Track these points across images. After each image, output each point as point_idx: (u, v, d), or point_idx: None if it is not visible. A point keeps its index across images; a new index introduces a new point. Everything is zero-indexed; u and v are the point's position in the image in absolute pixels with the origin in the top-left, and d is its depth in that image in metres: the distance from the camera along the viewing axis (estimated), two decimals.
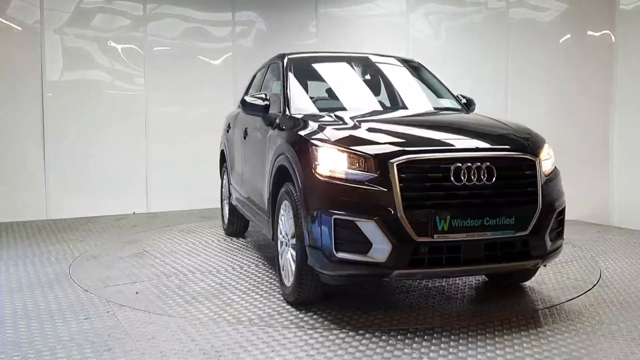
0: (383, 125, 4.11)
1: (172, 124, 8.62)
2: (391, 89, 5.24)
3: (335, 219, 3.44)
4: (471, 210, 3.44)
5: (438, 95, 5.13)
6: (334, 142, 3.63)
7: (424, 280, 4.55)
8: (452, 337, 3.36)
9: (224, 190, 6.75)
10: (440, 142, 3.71)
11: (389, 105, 5.04)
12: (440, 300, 4.10)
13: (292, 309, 3.87)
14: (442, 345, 3.25)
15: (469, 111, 4.94)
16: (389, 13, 8.63)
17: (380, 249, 3.36)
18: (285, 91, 4.74)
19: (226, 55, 9.05)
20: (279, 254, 4.18)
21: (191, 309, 3.92)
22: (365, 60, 5.47)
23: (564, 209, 3.90)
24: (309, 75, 5.17)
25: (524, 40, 7.64)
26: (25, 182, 7.67)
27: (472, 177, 3.46)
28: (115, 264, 5.27)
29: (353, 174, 3.50)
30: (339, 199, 3.48)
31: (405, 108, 4.99)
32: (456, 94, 5.16)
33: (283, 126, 4.28)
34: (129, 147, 8.31)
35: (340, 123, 4.03)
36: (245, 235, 6.52)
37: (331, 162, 3.57)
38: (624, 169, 6.89)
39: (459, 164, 3.46)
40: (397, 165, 3.41)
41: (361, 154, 3.52)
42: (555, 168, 4.00)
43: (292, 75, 4.93)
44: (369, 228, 3.37)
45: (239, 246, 6.00)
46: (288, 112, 4.49)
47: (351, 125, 3.94)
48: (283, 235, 4.09)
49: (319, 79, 5.28)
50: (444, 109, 4.97)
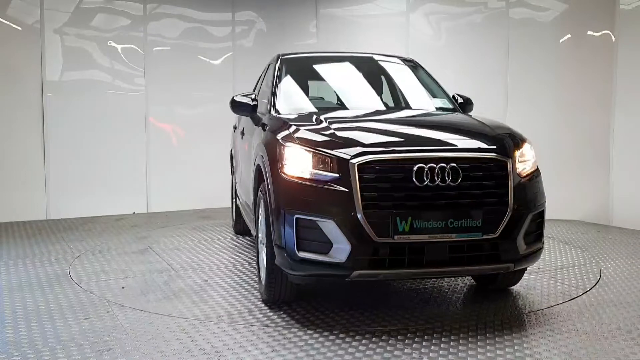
0: (356, 126, 4.07)
1: (172, 123, 8.63)
2: (381, 88, 5.22)
3: (297, 219, 3.45)
4: (434, 212, 3.38)
5: (431, 95, 5.07)
6: (300, 142, 3.63)
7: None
8: (452, 337, 3.36)
9: (233, 189, 6.78)
10: (405, 143, 3.66)
11: (375, 105, 4.95)
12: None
13: (265, 308, 3.90)
14: (442, 345, 3.25)
15: (462, 111, 4.84)
16: (389, 13, 8.63)
17: (341, 249, 3.36)
18: (273, 91, 4.76)
19: (226, 55, 9.05)
20: (257, 253, 4.23)
21: (166, 304, 4.02)
22: (359, 60, 5.45)
23: (543, 211, 3.77)
24: (300, 75, 5.15)
25: (524, 40, 7.64)
26: (25, 182, 7.67)
27: (436, 178, 3.40)
28: (116, 259, 5.37)
29: (317, 174, 3.49)
30: (301, 199, 3.49)
31: (390, 108, 4.90)
32: (453, 93, 5.09)
33: (266, 126, 4.27)
34: (129, 147, 8.32)
35: (315, 123, 3.97)
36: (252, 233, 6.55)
37: (297, 162, 3.57)
38: (624, 169, 6.89)
39: (422, 165, 3.40)
40: (358, 166, 3.39)
41: (325, 154, 3.51)
42: (535, 170, 3.85)
43: (283, 75, 4.96)
44: (330, 228, 3.37)
45: (242, 244, 6.02)
46: (273, 112, 4.50)
47: (324, 126, 3.86)
48: (260, 235, 4.11)
49: (310, 78, 5.26)
50: (439, 109, 4.89)
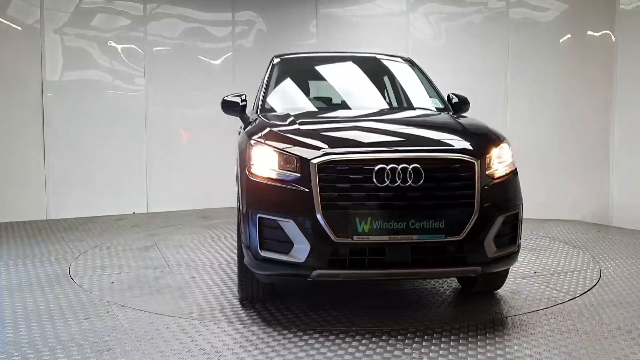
0: (326, 127, 4.08)
1: (172, 124, 8.63)
2: (369, 88, 5.19)
3: (260, 218, 3.48)
4: (395, 213, 3.35)
5: (421, 94, 5.04)
6: (266, 143, 3.64)
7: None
8: (452, 337, 3.36)
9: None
10: (367, 143, 3.63)
11: (359, 104, 4.92)
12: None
13: (237, 306, 3.97)
14: (442, 345, 3.25)
15: (452, 110, 4.76)
16: (389, 13, 8.63)
17: (301, 249, 3.36)
18: (262, 91, 4.82)
19: (226, 55, 9.05)
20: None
21: (148, 298, 4.17)
22: (352, 60, 5.46)
23: (517, 214, 3.67)
24: (292, 75, 5.17)
25: (524, 40, 7.65)
26: (25, 182, 7.67)
27: (397, 179, 3.36)
28: (119, 255, 5.48)
29: (282, 174, 3.50)
30: (265, 199, 3.52)
31: (372, 107, 4.84)
32: (449, 92, 4.99)
33: (247, 126, 4.30)
34: (129, 147, 8.32)
35: (286, 124, 3.95)
36: None
37: (263, 162, 3.59)
38: (624, 169, 6.90)
39: (383, 165, 3.37)
40: (318, 166, 3.39)
41: (288, 154, 3.52)
42: (512, 171, 3.73)
43: (274, 75, 5.00)
44: (290, 228, 3.38)
45: None
46: (259, 112, 4.53)
47: (294, 127, 3.83)
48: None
49: (300, 79, 5.26)
50: (418, 108, 4.84)
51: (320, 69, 5.44)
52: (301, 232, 3.36)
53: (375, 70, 5.34)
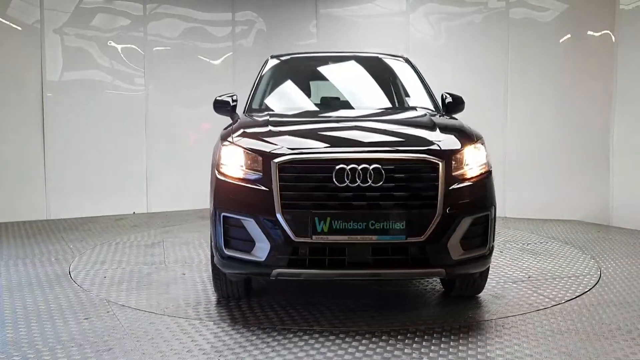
0: (295, 127, 4.10)
1: (172, 123, 8.62)
2: (358, 88, 5.21)
3: (224, 217, 3.54)
4: (354, 213, 3.35)
5: (410, 93, 5.02)
6: (235, 143, 3.68)
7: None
8: (452, 337, 3.36)
9: None
10: (329, 143, 3.63)
11: (343, 104, 4.93)
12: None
13: (211, 303, 4.05)
14: (442, 345, 3.25)
15: (441, 110, 4.70)
16: (389, 13, 8.63)
17: (261, 247, 3.41)
18: (251, 91, 4.90)
19: (226, 55, 9.05)
20: None
21: (133, 293, 4.29)
22: (345, 60, 5.48)
23: (487, 216, 3.58)
24: (283, 75, 5.22)
25: (524, 40, 7.65)
26: (25, 182, 7.66)
27: (357, 179, 3.36)
28: (124, 251, 5.61)
29: (246, 174, 3.54)
30: (230, 198, 3.57)
31: (356, 107, 4.82)
32: (443, 92, 4.90)
33: None
34: (129, 147, 8.32)
35: (259, 124, 3.98)
36: None
37: (230, 162, 3.64)
38: (624, 169, 6.90)
39: (343, 165, 3.36)
40: (279, 165, 3.41)
41: (253, 154, 3.55)
42: (484, 172, 3.66)
43: (266, 75, 5.07)
44: (252, 227, 3.43)
45: None
46: (245, 112, 4.59)
47: (265, 127, 3.85)
48: None
49: (291, 79, 5.28)
50: (403, 108, 4.80)
51: (312, 69, 5.47)
52: (262, 231, 3.40)
53: (367, 70, 5.34)
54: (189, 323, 3.63)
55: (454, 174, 3.49)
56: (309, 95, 5.13)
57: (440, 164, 3.43)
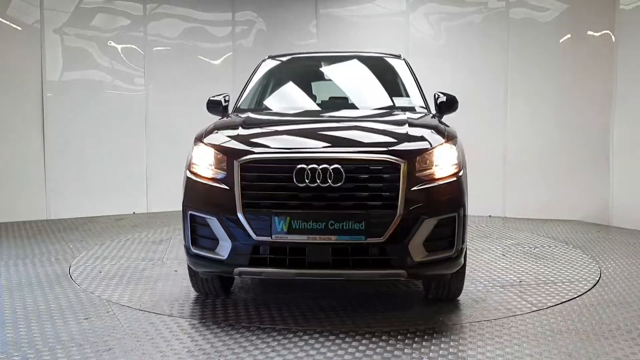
0: (269, 127, 4.17)
1: (172, 123, 8.62)
2: (345, 87, 5.22)
3: (191, 215, 3.61)
4: (313, 213, 3.36)
5: (398, 93, 5.00)
6: (205, 142, 3.74)
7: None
8: (452, 337, 3.36)
9: None
10: (291, 143, 3.69)
11: (327, 104, 4.94)
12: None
13: (189, 301, 4.12)
14: (442, 345, 3.25)
15: (427, 110, 4.66)
16: (389, 13, 8.63)
17: (224, 246, 3.47)
18: (241, 92, 4.97)
19: (226, 55, 9.05)
20: None
21: (119, 288, 4.43)
22: (338, 60, 5.51)
23: (454, 218, 3.51)
24: (274, 76, 5.26)
25: (524, 40, 7.65)
26: (25, 182, 7.66)
27: (317, 179, 3.37)
28: (129, 246, 5.71)
29: (213, 173, 3.61)
30: (196, 197, 3.64)
31: (338, 107, 4.84)
32: (436, 91, 4.84)
33: None
34: (129, 147, 8.31)
35: (233, 124, 4.03)
36: None
37: (200, 161, 3.71)
38: (624, 169, 6.90)
39: (303, 165, 3.38)
40: (241, 165, 3.46)
41: (220, 154, 3.60)
42: (453, 173, 3.61)
43: (257, 76, 5.14)
44: (215, 225, 3.48)
45: None
46: (233, 112, 4.67)
47: (236, 127, 3.90)
48: None
49: (282, 79, 5.32)
50: (385, 108, 4.73)
51: (304, 69, 5.50)
52: (224, 230, 3.45)
53: (358, 70, 5.36)
54: (189, 323, 3.63)
55: (418, 174, 3.46)
56: (296, 95, 5.15)
57: (402, 164, 3.41)
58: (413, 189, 3.41)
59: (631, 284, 4.51)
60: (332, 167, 3.37)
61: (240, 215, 3.40)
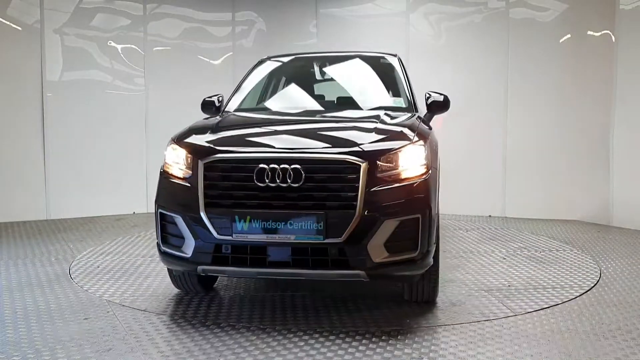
0: (241, 128, 4.23)
1: (172, 123, 8.58)
2: (332, 88, 5.23)
3: (161, 213, 3.72)
4: (273, 212, 3.39)
5: (385, 92, 5.00)
6: (177, 143, 3.84)
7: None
8: (452, 337, 3.36)
9: None
10: (255, 143, 3.75)
11: (308, 105, 4.96)
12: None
13: (170, 298, 4.19)
14: (442, 345, 3.25)
15: (414, 111, 4.59)
16: (389, 13, 8.63)
17: (188, 244, 3.54)
18: (233, 92, 5.03)
19: (226, 55, 9.05)
20: None
21: (108, 282, 4.60)
22: (331, 60, 5.53)
23: (416, 219, 3.44)
24: (266, 77, 5.30)
25: (524, 40, 7.65)
26: (25, 182, 7.66)
27: (277, 179, 3.40)
28: (128, 245, 5.79)
29: (181, 173, 3.69)
30: (166, 195, 3.75)
31: (316, 108, 4.86)
32: (428, 91, 4.80)
33: None
34: (129, 147, 8.31)
35: (208, 125, 4.11)
36: None
37: (171, 161, 3.81)
38: (624, 169, 6.90)
39: (264, 165, 3.42)
40: (204, 165, 3.53)
41: (188, 154, 3.67)
42: (419, 174, 3.55)
43: (250, 77, 5.20)
44: (181, 224, 3.56)
45: None
46: (221, 113, 4.76)
47: (210, 128, 3.98)
48: None
49: (273, 80, 5.36)
50: (362, 109, 4.71)
51: (293, 70, 5.52)
52: (188, 229, 3.52)
53: (347, 70, 5.38)
54: (189, 323, 3.63)
55: (380, 175, 3.45)
56: (280, 97, 5.19)
57: (362, 165, 3.40)
58: (373, 189, 3.40)
59: (631, 284, 4.51)
60: (292, 167, 3.40)
61: (202, 214, 3.46)
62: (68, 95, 7.90)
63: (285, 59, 5.63)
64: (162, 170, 3.86)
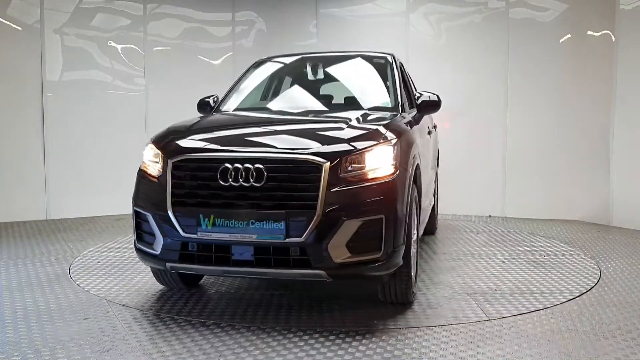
0: (214, 130, 4.25)
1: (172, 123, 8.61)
2: (316, 89, 5.25)
3: (135, 211, 3.83)
4: (235, 211, 3.44)
5: (374, 92, 4.98)
6: (153, 142, 3.93)
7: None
8: (452, 337, 3.36)
9: None
10: (218, 143, 3.85)
11: (291, 105, 4.97)
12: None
13: (155, 295, 4.24)
14: (442, 345, 3.25)
15: (399, 111, 4.53)
16: (389, 13, 8.62)
17: (158, 242, 3.63)
18: (227, 93, 5.10)
19: (226, 55, 9.05)
20: None
21: (100, 278, 4.71)
22: (326, 60, 5.54)
23: (380, 220, 3.42)
24: (260, 78, 5.33)
25: (524, 40, 7.65)
26: (25, 182, 7.66)
27: (240, 178, 3.44)
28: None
29: (154, 172, 3.79)
30: (141, 193, 3.86)
31: (298, 108, 4.83)
32: (420, 91, 4.87)
33: None
34: (129, 147, 8.28)
35: (187, 125, 4.19)
36: None
37: (147, 159, 3.92)
38: (624, 169, 6.90)
39: (228, 165, 3.48)
40: (172, 164, 3.63)
41: (160, 153, 3.76)
42: (385, 175, 3.52)
43: (244, 78, 5.25)
44: (152, 221, 3.65)
45: None
46: (212, 113, 4.84)
47: (188, 129, 4.07)
48: None
49: (267, 81, 5.37)
50: (342, 109, 4.73)
51: (289, 70, 5.53)
52: (157, 227, 3.61)
53: (338, 70, 5.39)
54: (189, 323, 3.63)
55: (343, 175, 3.44)
56: (269, 97, 5.21)
57: (323, 165, 3.41)
58: (335, 189, 3.40)
59: (631, 284, 4.51)
60: (255, 167, 3.45)
61: (170, 212, 3.55)
62: (68, 95, 7.90)
63: (279, 59, 5.63)
64: (140, 169, 3.97)
